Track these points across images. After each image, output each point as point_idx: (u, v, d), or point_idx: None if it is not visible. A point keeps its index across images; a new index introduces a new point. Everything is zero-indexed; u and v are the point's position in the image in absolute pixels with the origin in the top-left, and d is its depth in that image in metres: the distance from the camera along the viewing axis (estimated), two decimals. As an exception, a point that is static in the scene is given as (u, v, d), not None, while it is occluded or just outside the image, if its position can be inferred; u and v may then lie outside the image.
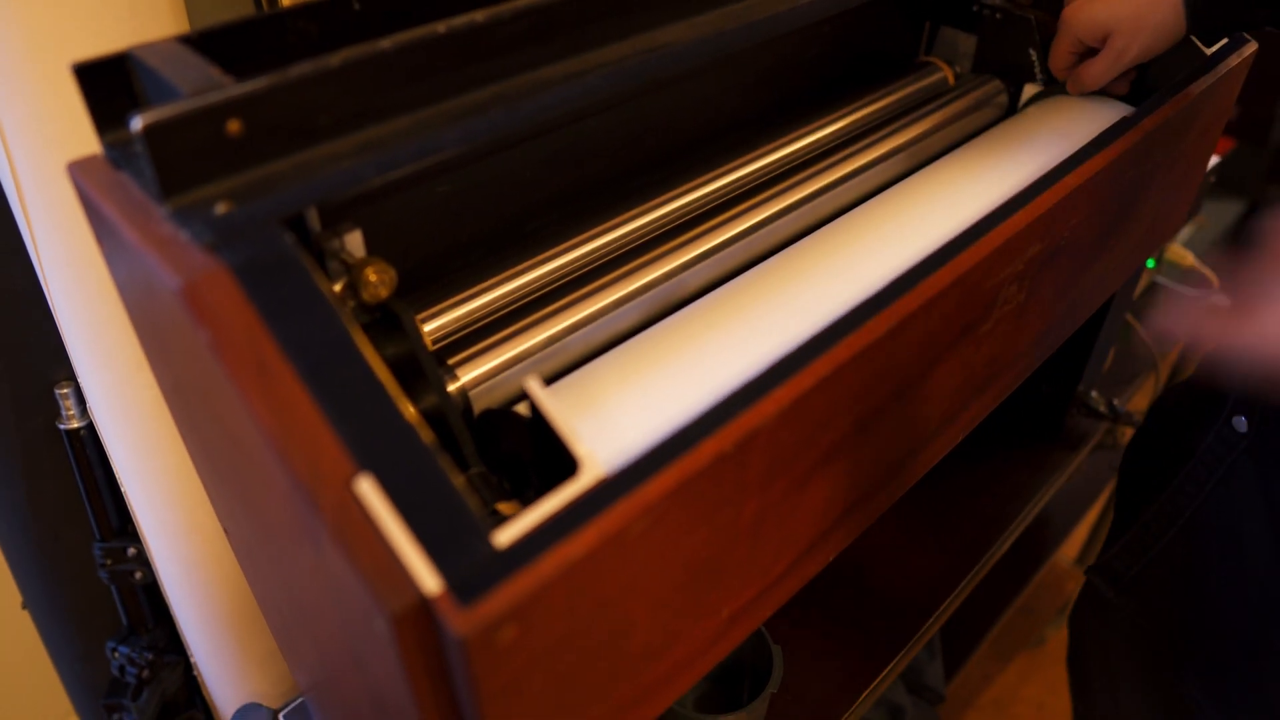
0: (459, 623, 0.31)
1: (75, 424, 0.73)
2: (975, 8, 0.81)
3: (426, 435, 0.33)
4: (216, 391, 0.36)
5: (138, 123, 0.35)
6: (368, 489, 0.32)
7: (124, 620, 0.83)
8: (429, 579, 0.31)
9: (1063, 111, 0.71)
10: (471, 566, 0.32)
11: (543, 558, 0.32)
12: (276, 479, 0.34)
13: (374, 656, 0.36)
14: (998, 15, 0.80)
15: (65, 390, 0.72)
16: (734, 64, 0.65)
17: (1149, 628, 0.69)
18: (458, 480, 0.33)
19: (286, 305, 0.35)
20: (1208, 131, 0.81)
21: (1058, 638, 1.62)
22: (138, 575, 0.79)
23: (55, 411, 0.73)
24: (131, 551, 0.78)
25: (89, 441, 0.74)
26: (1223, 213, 1.83)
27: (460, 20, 0.42)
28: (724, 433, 0.37)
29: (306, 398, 0.33)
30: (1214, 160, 1.55)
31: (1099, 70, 0.65)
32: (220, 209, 0.37)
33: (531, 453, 0.42)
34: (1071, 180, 0.56)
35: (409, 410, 0.34)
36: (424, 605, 0.31)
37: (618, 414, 0.44)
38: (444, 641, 0.32)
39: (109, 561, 0.78)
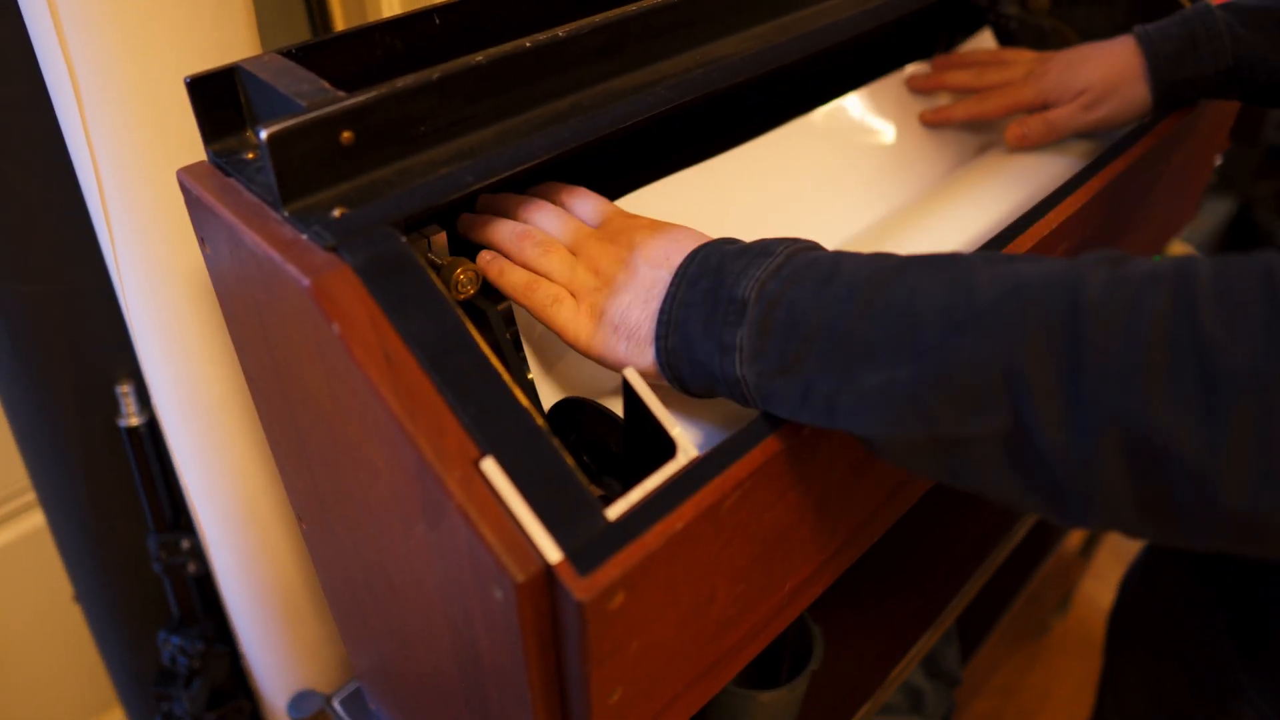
0: (579, 589, 0.34)
1: (135, 421, 0.75)
2: (991, 16, 0.84)
3: (539, 420, 0.36)
4: (334, 380, 0.39)
5: (263, 133, 0.38)
6: (492, 468, 0.35)
7: (175, 611, 0.86)
8: (551, 550, 0.34)
9: None
10: (587, 538, 0.35)
11: (649, 531, 0.36)
12: (397, 461, 0.37)
13: (483, 625, 0.39)
14: (1013, 24, 0.84)
15: (125, 388, 0.74)
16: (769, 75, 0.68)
17: (1210, 600, 0.71)
18: (569, 460, 0.36)
19: (406, 300, 0.38)
20: (1213, 134, 0.84)
21: (1062, 626, 1.66)
22: (190, 567, 0.82)
23: (115, 409, 0.75)
24: (185, 544, 0.81)
25: (147, 438, 0.76)
26: (1216, 209, 1.89)
27: (544, 35, 0.45)
28: (802, 416, 0.40)
29: (430, 385, 0.36)
30: (1210, 160, 1.58)
31: (1064, 119, 0.66)
32: (336, 213, 0.39)
33: (614, 438, 0.45)
34: (1096, 183, 0.60)
35: (522, 396, 0.37)
36: (546, 574, 0.34)
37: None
38: (559, 607, 0.35)
39: (163, 554, 0.81)
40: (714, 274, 0.39)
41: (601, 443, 0.47)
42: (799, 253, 0.39)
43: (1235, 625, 0.66)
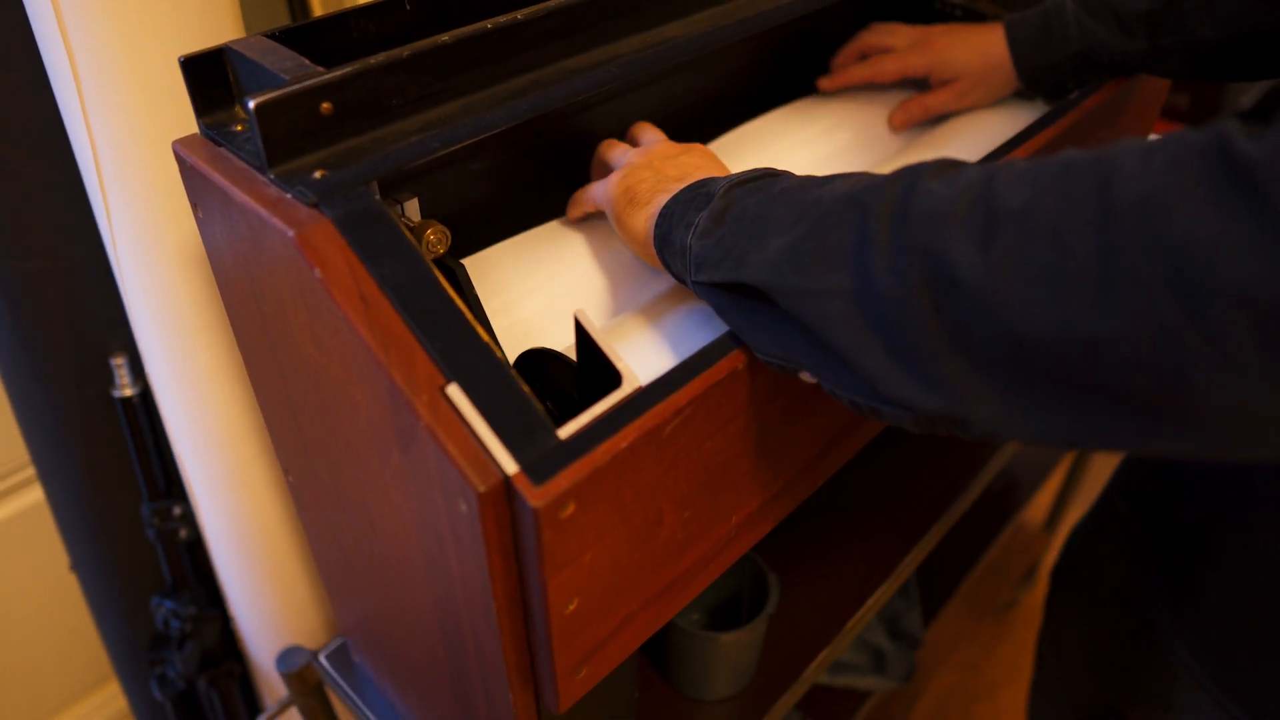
0: (533, 497, 0.38)
1: (128, 392, 0.79)
2: (938, 5, 0.90)
3: (498, 353, 0.41)
4: (317, 323, 0.44)
5: (251, 103, 0.42)
6: (456, 393, 0.39)
7: (168, 577, 0.90)
8: (509, 462, 0.39)
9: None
10: (541, 454, 0.39)
11: (596, 448, 0.40)
12: (374, 393, 0.42)
13: (452, 544, 0.44)
14: (958, 14, 0.89)
15: (120, 360, 0.78)
16: (719, 59, 0.73)
17: (1148, 558, 0.75)
18: (525, 388, 0.41)
19: (380, 250, 0.42)
20: (1143, 112, 0.90)
21: (1029, 600, 1.72)
22: (182, 533, 0.86)
23: (109, 381, 0.80)
24: (177, 511, 0.85)
25: (140, 408, 0.80)
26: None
27: (504, 18, 0.50)
28: (737, 353, 0.45)
29: (401, 323, 0.41)
30: (1163, 147, 1.64)
31: (940, 101, 0.73)
32: (317, 175, 0.44)
33: (573, 384, 0.50)
34: (1019, 155, 0.65)
35: (484, 333, 0.41)
36: (504, 485, 0.39)
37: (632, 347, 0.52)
38: (518, 517, 0.40)
39: (157, 520, 0.85)
40: (707, 183, 0.48)
41: (562, 389, 0.52)
42: (776, 174, 0.46)
43: (1171, 595, 0.70)
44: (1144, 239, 0.28)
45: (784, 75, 0.80)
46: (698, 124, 0.73)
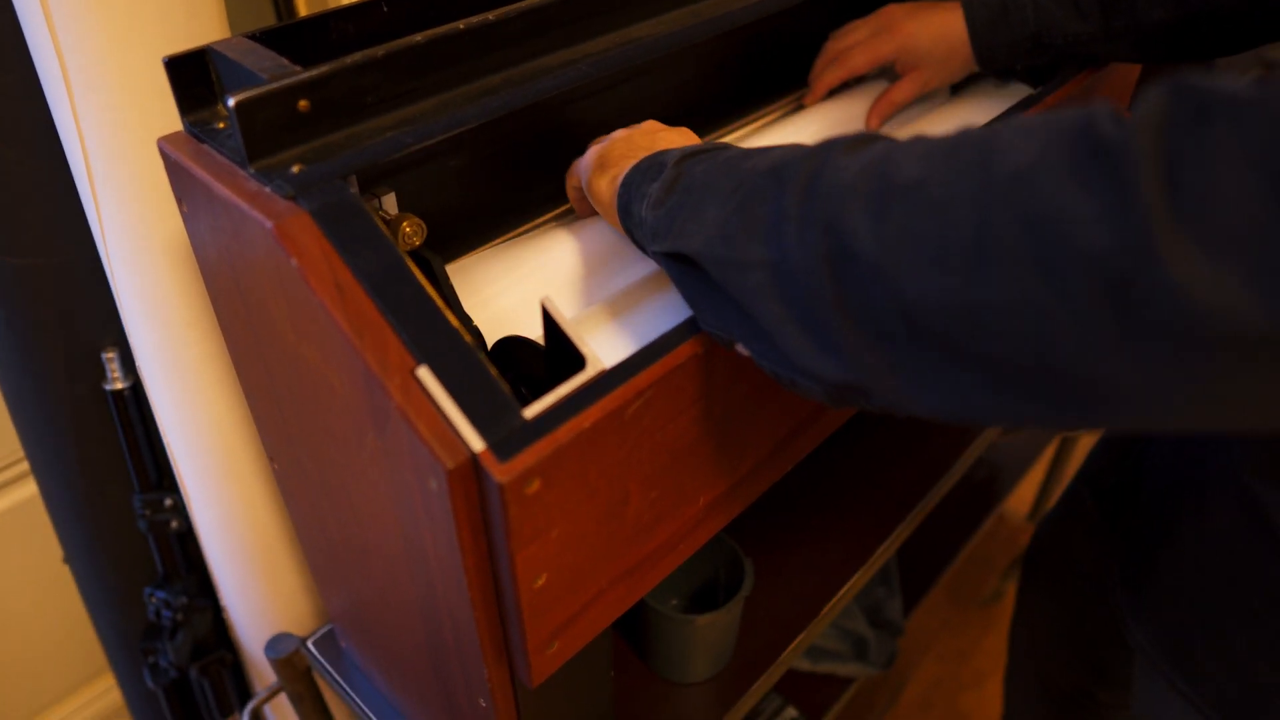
0: (499, 473, 0.40)
1: (120, 386, 0.81)
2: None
3: (467, 338, 0.43)
4: (295, 311, 0.46)
5: (231, 101, 0.44)
6: (426, 375, 0.41)
7: (159, 568, 0.92)
8: (476, 441, 0.41)
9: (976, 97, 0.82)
10: (507, 432, 0.41)
11: (560, 428, 0.42)
12: (349, 377, 0.44)
13: (426, 522, 0.46)
14: (929, 11, 0.91)
15: (111, 354, 0.80)
16: (691, 57, 0.75)
17: (1111, 545, 0.77)
18: (493, 370, 0.43)
19: (355, 240, 0.44)
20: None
21: (1015, 591, 1.74)
22: (174, 524, 0.88)
23: (101, 375, 0.82)
24: (169, 502, 0.87)
25: (131, 401, 0.82)
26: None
27: (476, 19, 0.52)
28: (698, 339, 0.47)
29: (374, 310, 0.43)
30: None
31: (906, 94, 0.75)
32: (295, 169, 0.46)
33: (541, 366, 0.52)
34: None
35: (453, 318, 0.43)
36: (472, 462, 0.41)
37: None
38: (486, 493, 0.42)
39: (148, 512, 0.87)
40: (663, 154, 0.49)
41: (533, 374, 0.54)
42: (726, 146, 0.48)
43: (1129, 579, 0.72)
44: (1015, 213, 0.29)
45: (755, 73, 0.82)
46: (672, 121, 0.75)
